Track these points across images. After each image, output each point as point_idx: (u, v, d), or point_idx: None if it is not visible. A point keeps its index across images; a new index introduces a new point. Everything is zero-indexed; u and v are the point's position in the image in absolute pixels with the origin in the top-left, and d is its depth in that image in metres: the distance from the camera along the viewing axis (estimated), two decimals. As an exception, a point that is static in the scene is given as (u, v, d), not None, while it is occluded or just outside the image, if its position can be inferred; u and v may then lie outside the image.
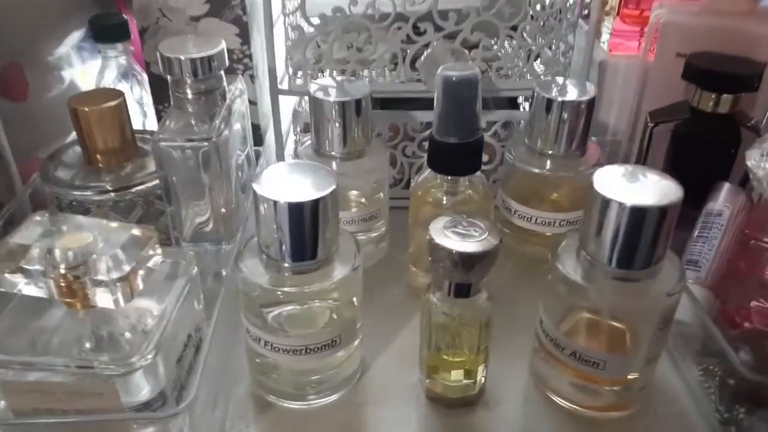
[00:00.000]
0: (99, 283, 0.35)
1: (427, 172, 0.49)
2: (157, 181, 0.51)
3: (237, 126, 0.53)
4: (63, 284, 0.35)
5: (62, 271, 0.34)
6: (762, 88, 0.51)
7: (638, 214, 0.35)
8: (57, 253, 0.35)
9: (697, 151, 0.52)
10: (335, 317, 0.41)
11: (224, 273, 0.47)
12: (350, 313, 0.42)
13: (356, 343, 0.43)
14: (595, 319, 0.41)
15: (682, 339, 0.46)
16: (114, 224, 0.37)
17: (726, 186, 0.49)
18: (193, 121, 0.47)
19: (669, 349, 0.47)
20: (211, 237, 0.51)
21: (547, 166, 0.52)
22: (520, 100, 0.68)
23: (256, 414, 0.42)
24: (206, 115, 0.48)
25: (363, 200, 0.54)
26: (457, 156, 0.45)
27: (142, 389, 0.37)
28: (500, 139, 0.60)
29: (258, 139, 0.64)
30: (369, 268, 0.52)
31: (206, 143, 0.46)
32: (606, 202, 0.36)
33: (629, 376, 0.41)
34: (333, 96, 0.48)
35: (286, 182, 0.37)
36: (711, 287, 0.47)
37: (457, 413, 0.42)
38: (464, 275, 0.37)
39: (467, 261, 0.36)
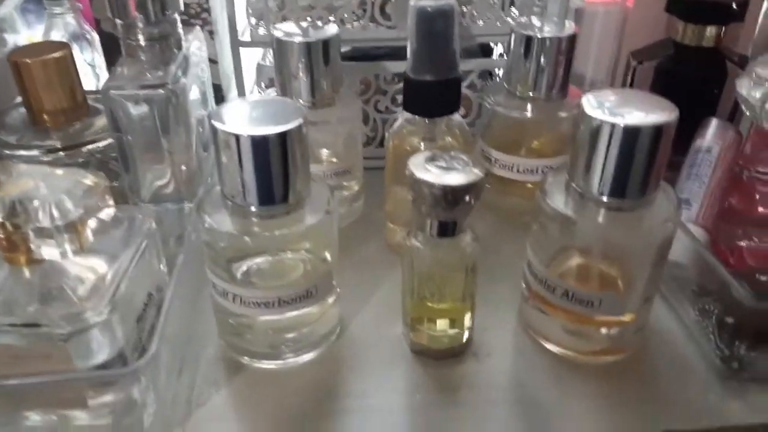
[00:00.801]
0: (43, 233, 0.31)
1: (402, 118, 0.46)
2: (111, 140, 0.47)
3: (195, 81, 0.49)
4: (2, 236, 0.31)
5: (0, 220, 0.31)
6: (746, 20, 0.49)
7: (632, 134, 0.33)
8: (-8, 200, 0.31)
9: (683, 88, 0.50)
10: (309, 269, 0.38)
11: (187, 232, 0.43)
12: (325, 265, 0.38)
13: (333, 297, 0.40)
14: (586, 261, 0.38)
15: (676, 282, 0.44)
16: (59, 171, 0.34)
17: (714, 121, 0.47)
18: (146, 67, 0.43)
19: (662, 293, 0.45)
20: (172, 198, 0.48)
21: (528, 110, 0.49)
22: (495, 53, 0.66)
23: (228, 377, 0.39)
24: (161, 63, 0.45)
25: (334, 159, 0.51)
26: (434, 95, 0.42)
27: (98, 352, 0.34)
28: (477, 90, 0.58)
29: (220, 100, 0.60)
30: (344, 228, 0.49)
31: (162, 90, 0.42)
32: (597, 125, 0.33)
33: (624, 318, 0.38)
34: (298, 39, 0.45)
35: (249, 117, 0.34)
36: (703, 226, 0.45)
37: (445, 365, 0.40)
38: (449, 211, 0.34)
39: (452, 195, 0.33)
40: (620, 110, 0.34)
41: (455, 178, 0.33)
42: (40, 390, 0.33)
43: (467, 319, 0.39)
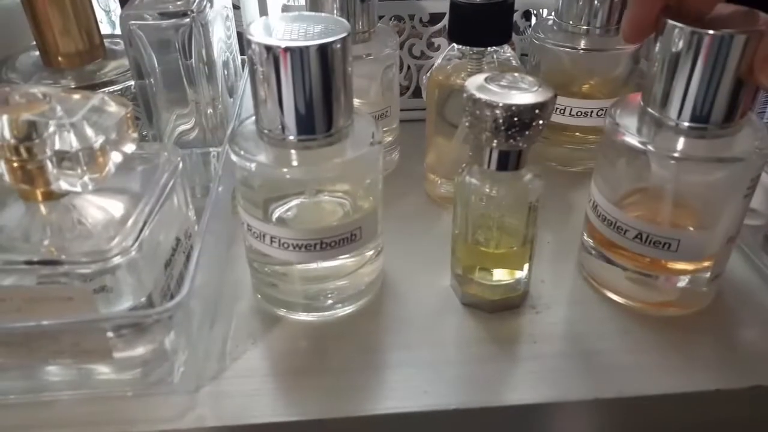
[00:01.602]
0: (61, 160, 0.28)
1: (446, 51, 0.42)
2: (130, 81, 0.44)
3: (220, 20, 0.46)
4: (16, 164, 0.28)
5: (12, 142, 0.27)
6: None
7: (722, 44, 0.29)
8: (4, 122, 0.27)
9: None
10: (350, 213, 0.35)
11: (216, 175, 0.39)
12: (370, 204, 0.35)
13: (376, 245, 0.36)
14: (661, 198, 0.34)
15: (749, 229, 0.40)
16: (77, 95, 0.30)
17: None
18: (168, -2, 0.40)
19: (737, 243, 0.41)
20: (197, 144, 0.44)
21: (582, 44, 0.45)
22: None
23: (264, 330, 0.36)
24: (183, -7, 0.41)
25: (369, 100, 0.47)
26: (482, 21, 0.38)
27: (123, 297, 0.30)
28: (520, 32, 0.54)
29: (244, 49, 0.56)
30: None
31: (186, 19, 0.38)
32: (680, 34, 0.29)
33: (703, 263, 0.34)
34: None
35: (289, 31, 0.30)
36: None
37: (501, 318, 0.36)
38: (514, 138, 0.30)
39: (519, 116, 0.29)
40: (704, 20, 0.29)
41: (522, 98, 0.29)
42: (58, 337, 0.29)
43: (525, 267, 0.36)
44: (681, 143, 0.31)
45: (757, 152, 0.31)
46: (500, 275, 0.35)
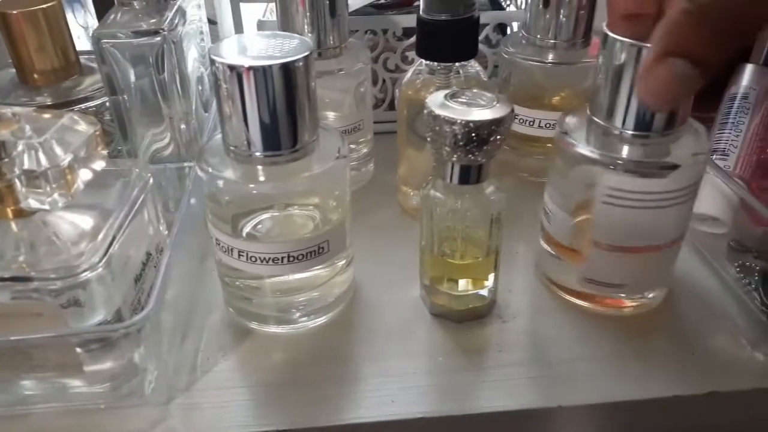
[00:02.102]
0: (30, 178, 0.29)
1: (415, 65, 0.43)
2: (105, 99, 0.44)
3: (193, 39, 0.46)
4: (-16, 184, 0.29)
5: (-20, 163, 0.28)
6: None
7: None
8: (-28, 143, 0.28)
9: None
10: (319, 227, 0.35)
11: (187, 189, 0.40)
12: (338, 217, 0.35)
13: (346, 257, 0.37)
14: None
15: (712, 237, 0.41)
16: (47, 114, 0.31)
17: (749, 67, 0.44)
18: (140, 16, 0.40)
19: (699, 249, 0.42)
20: (172, 159, 0.45)
21: (550, 57, 0.46)
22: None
23: (235, 343, 0.36)
24: (155, 11, 0.41)
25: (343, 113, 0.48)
26: (448, 37, 0.39)
27: (93, 312, 0.31)
28: (492, 45, 0.55)
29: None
30: (355, 192, 0.46)
31: (158, 37, 0.39)
32: (621, 47, 0.30)
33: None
34: (302, -17, 0.42)
35: (252, 51, 0.31)
36: (740, 177, 0.42)
37: (469, 327, 0.37)
38: (473, 153, 0.31)
39: (477, 132, 0.30)
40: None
41: (480, 114, 0.30)
42: (30, 352, 0.30)
43: (491, 278, 0.36)
44: (625, 150, 0.33)
45: (693, 157, 0.32)
46: (466, 286, 0.36)
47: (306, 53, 0.30)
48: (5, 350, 0.30)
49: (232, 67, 0.29)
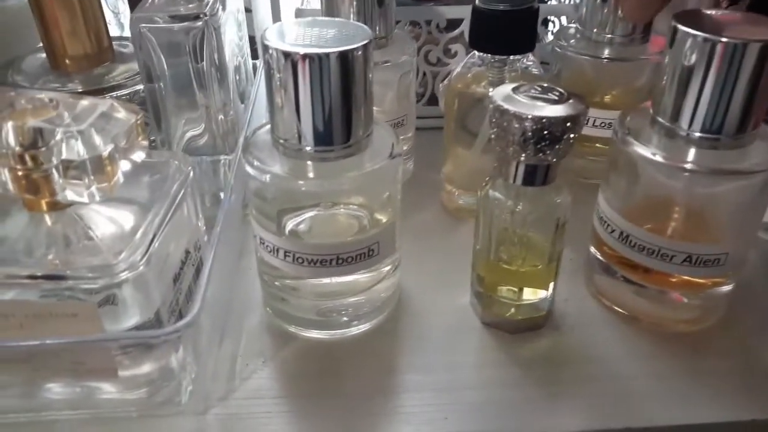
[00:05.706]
0: (67, 169, 0.27)
1: (466, 59, 0.40)
2: (138, 86, 0.42)
3: (232, 23, 0.44)
4: (21, 173, 0.27)
5: (17, 150, 0.26)
6: None
7: (736, 52, 0.27)
8: (9, 129, 0.26)
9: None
10: (368, 226, 0.33)
11: (227, 185, 0.38)
12: (388, 218, 0.33)
13: (394, 257, 0.35)
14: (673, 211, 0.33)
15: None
16: (86, 101, 0.29)
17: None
18: (179, 1, 0.38)
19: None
20: (206, 151, 0.43)
21: (606, 53, 0.43)
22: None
23: (274, 348, 0.34)
24: (194, -4, 0.39)
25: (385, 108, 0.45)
26: (505, 28, 0.37)
27: (130, 313, 0.29)
28: (539, 39, 0.52)
29: (255, 53, 0.55)
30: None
31: (199, 22, 0.37)
32: (692, 41, 0.28)
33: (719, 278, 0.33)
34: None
35: (308, 37, 0.28)
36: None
37: (523, 339, 0.34)
38: (544, 151, 0.28)
39: (552, 128, 0.27)
40: (718, 26, 0.28)
41: (553, 110, 0.28)
42: (62, 355, 0.28)
43: (551, 287, 0.34)
44: (692, 154, 0.30)
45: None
46: (524, 295, 0.34)
47: (365, 41, 0.28)
48: (36, 353, 0.28)
49: (287, 54, 0.27)
